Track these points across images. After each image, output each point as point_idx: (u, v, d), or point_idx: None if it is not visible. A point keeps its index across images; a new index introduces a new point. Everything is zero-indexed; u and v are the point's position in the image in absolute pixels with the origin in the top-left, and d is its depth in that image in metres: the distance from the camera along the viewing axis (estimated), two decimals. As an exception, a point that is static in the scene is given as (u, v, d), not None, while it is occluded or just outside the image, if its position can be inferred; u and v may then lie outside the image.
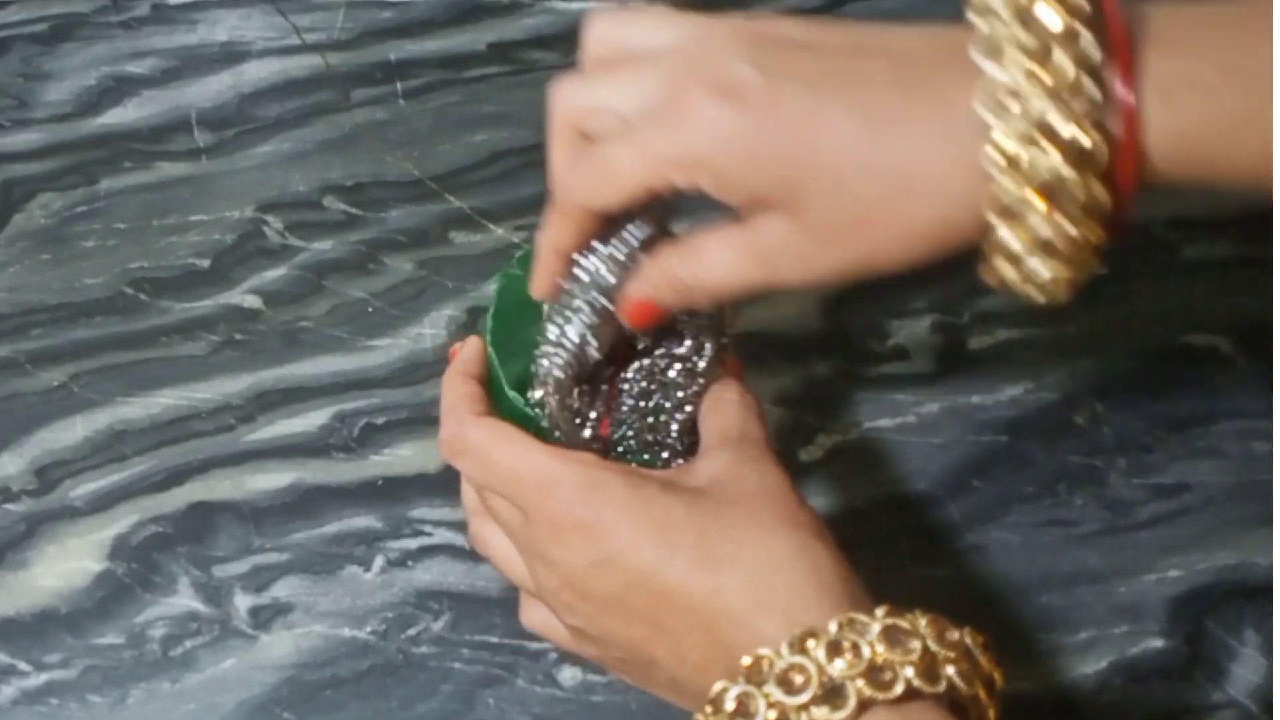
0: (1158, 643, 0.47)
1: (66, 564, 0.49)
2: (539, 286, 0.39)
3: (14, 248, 0.55)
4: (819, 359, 0.52)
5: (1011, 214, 0.31)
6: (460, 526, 0.49)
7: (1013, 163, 0.30)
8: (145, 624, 0.48)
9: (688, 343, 0.41)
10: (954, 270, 0.33)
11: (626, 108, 0.34)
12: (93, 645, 0.48)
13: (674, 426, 0.41)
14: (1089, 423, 0.51)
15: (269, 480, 0.50)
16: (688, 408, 0.41)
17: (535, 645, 0.47)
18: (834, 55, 0.33)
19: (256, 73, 0.59)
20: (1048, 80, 0.30)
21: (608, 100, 0.35)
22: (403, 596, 0.49)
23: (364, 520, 0.50)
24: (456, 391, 0.41)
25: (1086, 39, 0.30)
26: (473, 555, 0.49)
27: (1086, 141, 0.30)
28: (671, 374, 0.41)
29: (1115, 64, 0.30)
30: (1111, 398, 0.52)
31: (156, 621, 0.48)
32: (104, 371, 0.53)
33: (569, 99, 0.36)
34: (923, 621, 0.33)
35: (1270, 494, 0.49)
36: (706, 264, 0.35)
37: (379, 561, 0.49)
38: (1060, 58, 0.30)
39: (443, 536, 0.50)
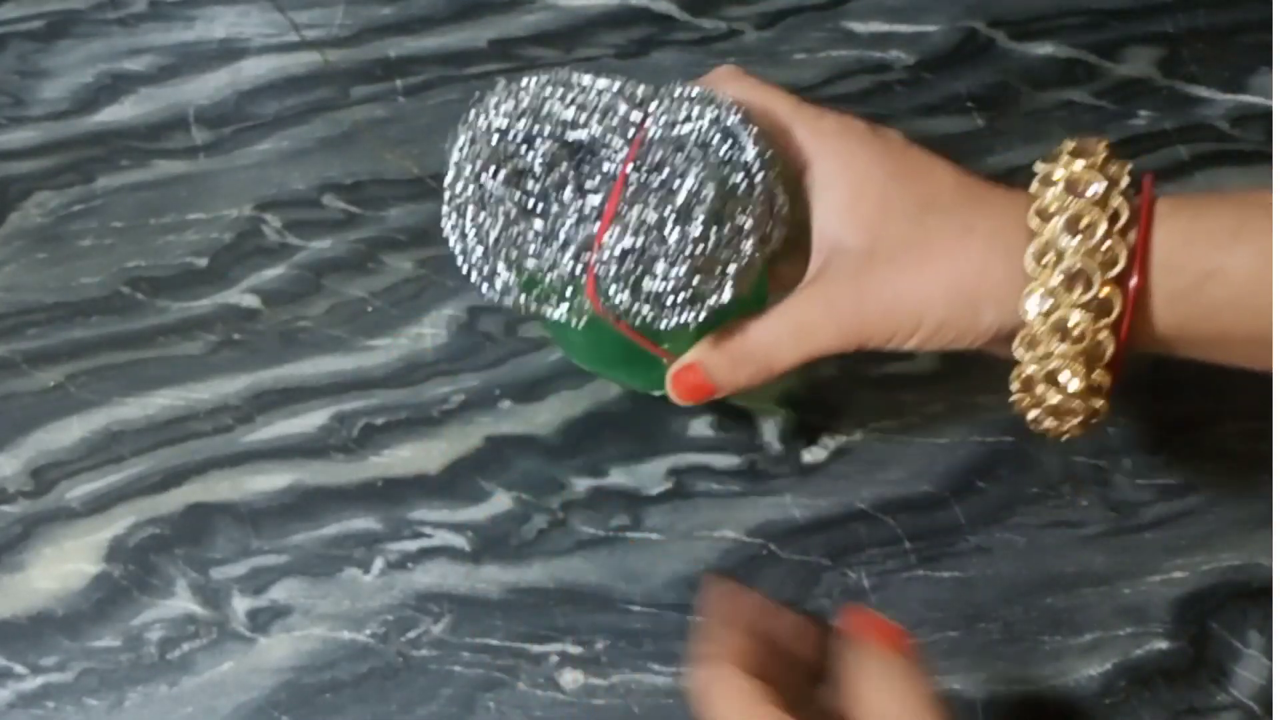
0: (1162, 644, 0.47)
1: (63, 566, 0.49)
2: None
3: (10, 246, 0.55)
4: (823, 359, 0.52)
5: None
6: (460, 528, 0.49)
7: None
8: (142, 626, 0.48)
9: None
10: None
11: None
12: (89, 648, 0.48)
13: (673, 276, 0.37)
14: (1094, 423, 0.51)
15: (267, 481, 0.50)
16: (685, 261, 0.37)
17: (536, 649, 0.47)
18: None
19: (255, 70, 0.59)
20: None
21: None
22: (402, 599, 0.48)
23: (363, 522, 0.50)
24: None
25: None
26: (473, 557, 0.49)
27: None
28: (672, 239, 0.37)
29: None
30: (1116, 397, 0.52)
31: (153, 624, 0.48)
32: (101, 371, 0.52)
33: None
34: None
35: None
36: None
37: (378, 563, 0.49)
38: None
39: (442, 538, 0.49)
